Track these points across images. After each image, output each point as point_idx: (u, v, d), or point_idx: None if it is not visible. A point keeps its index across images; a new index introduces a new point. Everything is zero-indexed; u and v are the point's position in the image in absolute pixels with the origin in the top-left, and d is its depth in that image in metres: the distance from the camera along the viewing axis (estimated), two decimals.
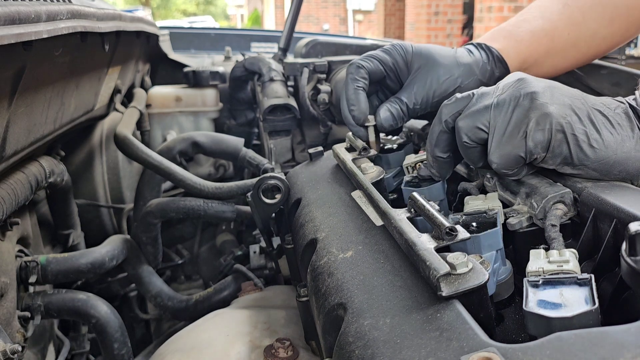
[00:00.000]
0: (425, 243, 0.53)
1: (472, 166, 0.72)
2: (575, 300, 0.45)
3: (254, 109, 2.09)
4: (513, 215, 0.64)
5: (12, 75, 0.82)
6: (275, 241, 1.08)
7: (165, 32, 2.37)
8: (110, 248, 1.30)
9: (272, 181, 0.92)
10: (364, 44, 2.05)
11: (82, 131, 1.65)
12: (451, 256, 0.49)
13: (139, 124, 1.90)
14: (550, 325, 0.42)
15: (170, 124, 2.14)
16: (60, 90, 1.09)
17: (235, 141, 1.54)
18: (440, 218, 0.54)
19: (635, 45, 7.53)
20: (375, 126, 0.86)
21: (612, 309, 0.52)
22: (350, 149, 0.91)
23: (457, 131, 0.67)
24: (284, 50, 2.10)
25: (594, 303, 0.44)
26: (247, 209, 1.36)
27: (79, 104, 1.29)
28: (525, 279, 0.49)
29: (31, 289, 1.15)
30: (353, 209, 0.75)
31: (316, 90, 1.52)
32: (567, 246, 0.55)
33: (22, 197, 1.02)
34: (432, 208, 0.56)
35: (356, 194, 0.78)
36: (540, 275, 0.50)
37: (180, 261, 1.88)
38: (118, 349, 1.21)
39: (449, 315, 0.45)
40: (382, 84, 0.90)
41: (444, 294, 0.47)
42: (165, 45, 2.34)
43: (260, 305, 1.02)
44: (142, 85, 2.13)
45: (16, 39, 0.69)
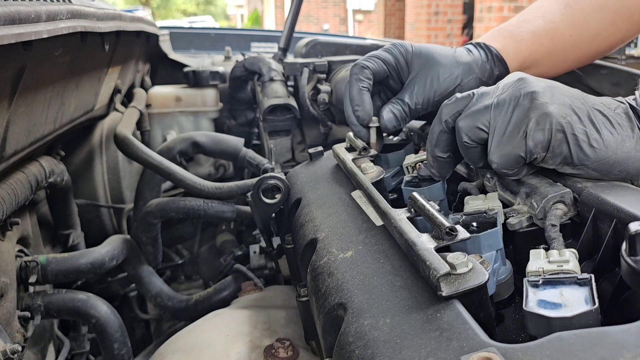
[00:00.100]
0: (425, 243, 0.53)
1: (472, 166, 0.72)
2: (575, 300, 0.45)
3: (254, 109, 2.09)
4: (513, 215, 0.64)
5: (12, 75, 0.82)
6: (275, 241, 1.07)
7: (165, 32, 2.37)
8: (110, 248, 1.30)
9: (272, 181, 0.92)
10: (364, 44, 2.05)
11: (82, 131, 1.65)
12: (451, 256, 0.49)
13: (139, 124, 1.89)
14: (550, 325, 0.42)
15: (170, 124, 2.14)
16: (60, 90, 1.09)
17: (235, 141, 1.54)
18: (440, 218, 0.54)
19: (635, 45, 7.53)
20: (378, 127, 0.87)
21: (612, 309, 0.52)
22: (350, 149, 0.91)
23: (457, 131, 0.67)
24: (284, 50, 2.10)
25: (594, 303, 0.44)
26: (247, 209, 1.36)
27: (79, 104, 1.28)
28: (525, 279, 0.49)
29: (31, 289, 1.15)
30: (353, 209, 0.75)
31: (316, 90, 1.52)
32: (567, 246, 0.55)
33: (22, 197, 1.02)
34: (432, 208, 0.56)
35: (356, 194, 0.78)
36: (540, 275, 0.50)
37: (180, 261, 1.88)
38: (118, 349, 1.21)
39: (449, 315, 0.45)
40: (385, 84, 0.90)
41: (444, 294, 0.47)
42: (165, 45, 2.33)
43: (260, 305, 1.02)
44: (142, 85, 2.13)
45: (16, 39, 0.69)
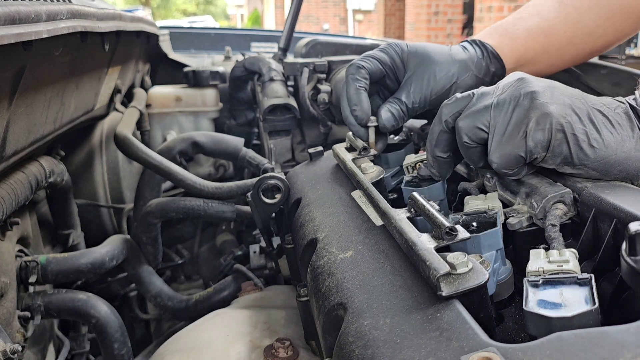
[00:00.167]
0: (425, 243, 0.53)
1: (472, 166, 0.72)
2: (575, 300, 0.45)
3: (254, 109, 2.09)
4: (513, 215, 0.64)
5: (12, 75, 0.82)
6: (275, 241, 1.07)
7: (165, 32, 2.37)
8: (110, 248, 1.30)
9: (272, 181, 0.92)
10: (364, 44, 2.05)
11: (82, 131, 1.65)
12: (451, 256, 0.49)
13: (139, 124, 1.89)
14: (550, 325, 0.42)
15: (170, 124, 2.13)
16: (60, 90, 1.09)
17: (235, 141, 1.54)
18: (440, 218, 0.54)
19: (636, 45, 7.52)
20: (376, 127, 0.87)
21: (612, 309, 0.52)
22: (350, 149, 0.91)
23: (458, 131, 0.67)
24: (284, 50, 2.10)
25: (594, 303, 0.44)
26: (247, 209, 1.36)
27: (79, 104, 1.28)
28: (525, 279, 0.49)
29: (31, 289, 1.15)
30: (353, 208, 0.74)
31: (316, 90, 1.52)
32: (567, 246, 0.55)
33: (22, 197, 1.02)
34: (432, 208, 0.56)
35: (356, 194, 0.78)
36: (540, 275, 0.50)
37: (180, 261, 1.88)
38: (118, 349, 1.21)
39: (449, 315, 0.45)
40: (382, 84, 0.90)
41: (444, 293, 0.47)
42: (165, 45, 2.33)
43: (260, 305, 1.02)
44: (142, 85, 2.13)
45: (16, 38, 0.69)
